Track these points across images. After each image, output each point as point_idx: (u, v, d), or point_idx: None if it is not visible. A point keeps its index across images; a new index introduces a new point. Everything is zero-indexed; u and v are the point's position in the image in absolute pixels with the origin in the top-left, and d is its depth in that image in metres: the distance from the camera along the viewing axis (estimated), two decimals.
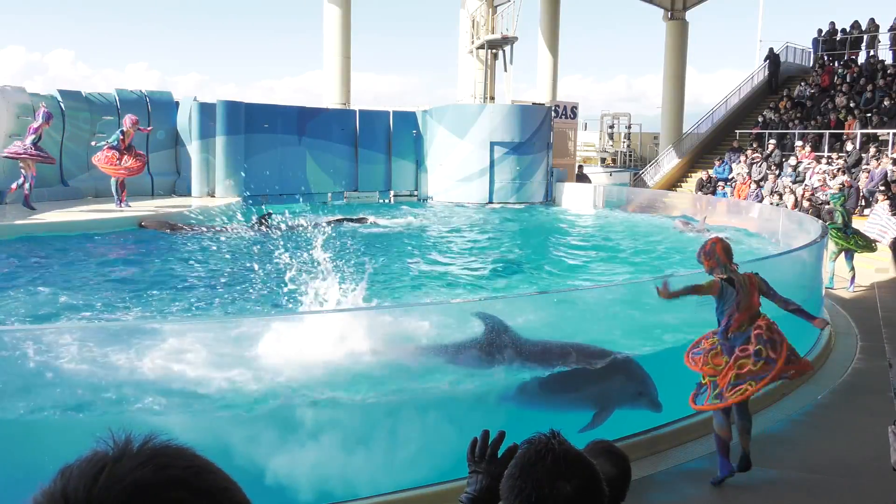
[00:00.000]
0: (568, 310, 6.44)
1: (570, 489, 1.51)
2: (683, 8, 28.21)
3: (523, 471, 1.54)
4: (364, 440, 4.87)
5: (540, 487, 1.51)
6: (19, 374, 4.43)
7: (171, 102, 17.42)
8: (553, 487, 1.50)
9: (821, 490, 5.07)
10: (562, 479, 1.51)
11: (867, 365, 8.02)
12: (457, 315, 6.07)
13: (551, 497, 1.50)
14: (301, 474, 4.49)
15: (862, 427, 6.06)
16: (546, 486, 1.50)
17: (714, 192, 21.46)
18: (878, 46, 26.45)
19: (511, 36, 20.93)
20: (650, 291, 5.52)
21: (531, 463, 1.54)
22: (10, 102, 14.66)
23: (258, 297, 8.24)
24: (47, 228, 12.35)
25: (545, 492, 1.50)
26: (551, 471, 1.52)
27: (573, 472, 1.53)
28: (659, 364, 5.94)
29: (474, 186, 19.52)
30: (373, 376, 5.18)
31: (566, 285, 10.39)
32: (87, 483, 0.79)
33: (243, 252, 11.05)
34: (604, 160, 31.72)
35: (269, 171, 17.72)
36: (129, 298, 8.45)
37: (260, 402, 4.77)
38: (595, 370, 5.77)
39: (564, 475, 1.52)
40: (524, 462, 1.56)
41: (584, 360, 5.78)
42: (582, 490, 1.52)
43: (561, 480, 1.51)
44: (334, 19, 21.25)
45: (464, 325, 5.68)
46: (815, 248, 8.66)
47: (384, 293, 9.44)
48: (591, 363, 5.77)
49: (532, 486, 1.51)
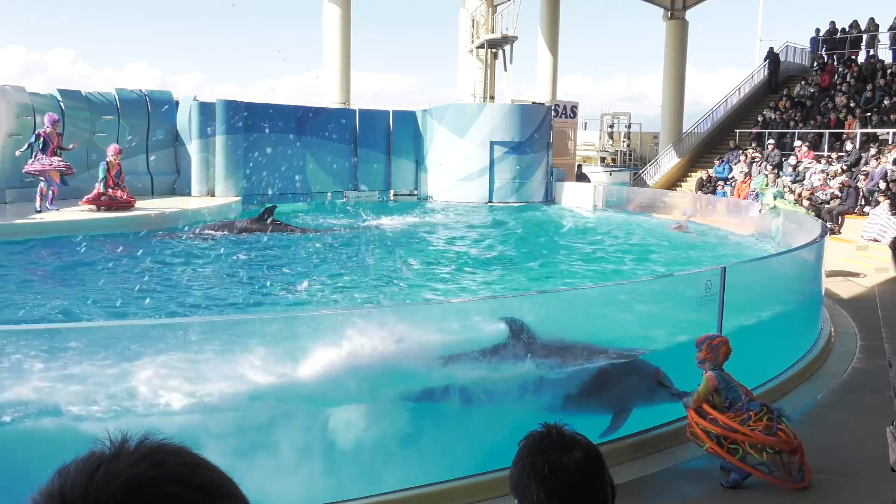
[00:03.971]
0: (568, 309, 6.43)
1: (580, 456, 1.59)
2: (683, 7, 28.22)
3: (531, 451, 1.61)
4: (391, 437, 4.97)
5: (551, 460, 1.57)
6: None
7: (171, 102, 17.41)
8: (563, 457, 1.57)
9: (821, 490, 5.07)
10: (569, 451, 1.59)
11: (867, 364, 8.02)
12: (456, 315, 6.07)
13: (563, 467, 1.56)
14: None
15: (862, 426, 6.05)
16: (557, 458, 1.57)
17: (714, 191, 21.46)
18: (878, 46, 26.47)
19: (511, 35, 20.93)
20: (650, 290, 5.53)
21: (537, 443, 1.62)
22: (10, 102, 14.66)
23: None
24: (52, 230, 12.38)
25: (557, 463, 1.57)
26: (558, 444, 1.60)
27: (577, 444, 1.61)
28: (659, 362, 5.94)
29: (474, 186, 19.53)
30: (397, 374, 5.23)
31: (566, 285, 10.39)
32: (83, 481, 0.80)
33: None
34: (604, 160, 31.73)
35: (269, 170, 17.75)
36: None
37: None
38: (610, 372, 5.78)
39: (571, 447, 1.60)
40: (531, 445, 1.63)
41: (598, 359, 5.78)
42: (590, 458, 1.60)
43: (569, 452, 1.58)
44: (334, 18, 21.25)
45: (467, 324, 5.71)
46: (814, 247, 8.66)
47: (385, 294, 9.44)
48: (605, 363, 5.78)
49: (544, 461, 1.57)
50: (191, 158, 17.13)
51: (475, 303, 7.59)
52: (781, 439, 5.00)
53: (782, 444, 5.00)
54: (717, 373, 5.22)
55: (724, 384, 5.20)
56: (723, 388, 5.21)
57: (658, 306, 6.85)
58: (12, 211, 13.53)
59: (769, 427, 5.03)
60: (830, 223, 15.61)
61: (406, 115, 20.28)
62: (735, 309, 6.45)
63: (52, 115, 13.74)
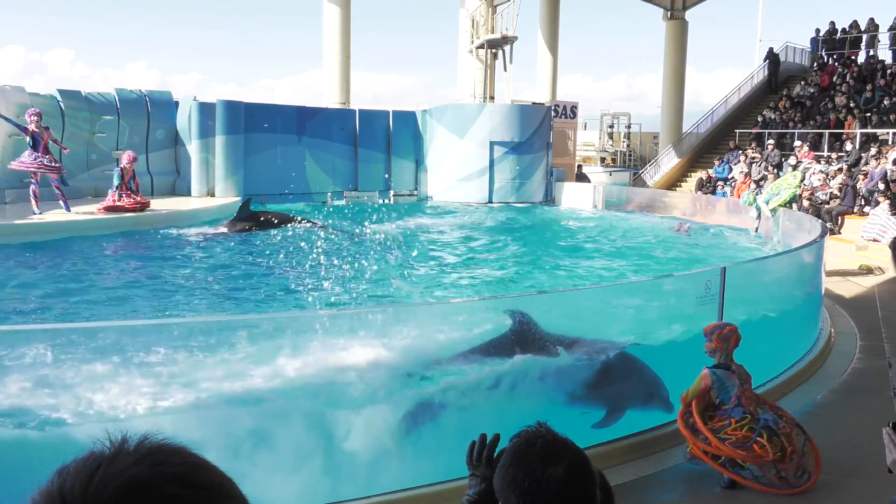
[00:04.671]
0: (568, 309, 6.44)
1: (562, 471, 1.54)
2: (683, 7, 28.21)
3: (515, 459, 1.58)
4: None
5: (532, 473, 1.54)
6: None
7: (171, 102, 17.41)
8: (545, 472, 1.53)
9: (821, 490, 5.07)
10: (553, 464, 1.55)
11: (867, 364, 8.02)
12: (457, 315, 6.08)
13: (544, 482, 1.53)
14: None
15: (861, 426, 6.05)
16: (538, 471, 1.54)
17: (713, 191, 21.47)
18: (878, 46, 26.47)
19: (511, 35, 20.92)
20: (649, 291, 5.53)
21: (521, 451, 1.58)
22: (9, 102, 14.65)
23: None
24: (52, 230, 12.37)
25: (537, 476, 1.53)
26: (542, 456, 1.56)
27: (563, 455, 1.57)
28: (657, 362, 5.94)
29: (474, 186, 19.52)
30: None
31: (566, 285, 10.39)
32: (82, 481, 0.80)
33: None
34: (603, 160, 31.72)
35: (269, 170, 17.75)
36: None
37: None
38: (612, 369, 5.82)
39: (555, 459, 1.55)
40: (515, 451, 1.60)
41: (599, 355, 5.82)
42: (573, 472, 1.55)
43: (552, 465, 1.54)
44: (334, 18, 21.25)
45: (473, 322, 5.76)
46: (815, 248, 8.66)
47: (384, 293, 9.45)
48: (605, 359, 5.82)
49: (525, 473, 1.55)
50: (191, 158, 17.14)
51: (476, 303, 7.59)
52: (754, 454, 4.91)
53: (754, 458, 4.92)
54: (711, 371, 5.14)
55: (717, 384, 5.13)
56: (716, 388, 5.15)
57: (658, 306, 6.85)
58: (12, 211, 13.52)
59: (747, 438, 4.96)
60: (830, 223, 15.61)
61: (406, 115, 20.28)
62: (735, 309, 6.45)
63: (33, 109, 13.31)
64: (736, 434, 4.98)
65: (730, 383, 5.14)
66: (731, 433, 5.00)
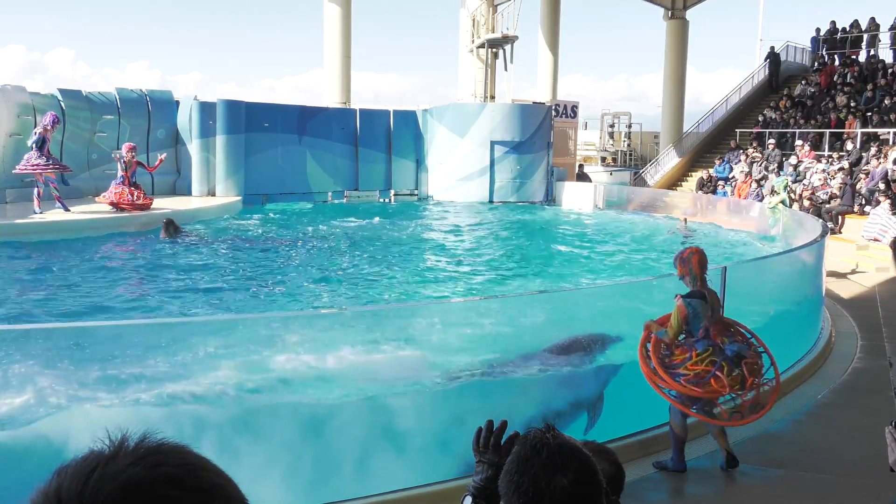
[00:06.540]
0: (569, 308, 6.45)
1: (567, 482, 1.50)
2: (684, 7, 28.18)
3: (520, 466, 1.54)
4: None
5: (536, 482, 1.50)
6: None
7: (172, 102, 17.41)
8: (549, 482, 1.50)
9: (821, 489, 5.06)
10: (558, 473, 1.51)
11: (867, 364, 8.01)
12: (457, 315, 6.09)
13: (548, 492, 1.49)
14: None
15: (862, 426, 6.05)
16: (542, 480, 1.50)
17: (714, 191, 21.45)
18: (879, 46, 26.44)
19: (511, 35, 20.92)
20: (649, 291, 5.53)
21: (527, 458, 1.54)
22: (10, 102, 14.65)
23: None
24: (52, 230, 12.36)
25: (542, 486, 1.50)
26: (547, 465, 1.52)
27: (569, 464, 1.53)
28: None
29: (475, 185, 19.51)
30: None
31: (566, 284, 10.39)
32: (79, 482, 0.79)
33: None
34: (604, 159, 31.68)
35: (270, 170, 17.74)
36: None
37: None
38: (569, 346, 6.00)
39: (560, 468, 1.51)
40: (520, 458, 1.56)
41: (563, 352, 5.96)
42: (579, 482, 1.51)
43: (557, 474, 1.50)
44: (335, 18, 21.23)
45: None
46: (815, 247, 8.65)
47: (385, 293, 9.45)
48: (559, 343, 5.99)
49: (529, 482, 1.51)
50: (191, 158, 17.13)
51: (476, 303, 7.59)
52: (710, 388, 4.88)
53: (710, 393, 4.89)
54: (686, 302, 5.08)
55: (692, 314, 5.08)
56: (691, 319, 5.10)
57: (658, 306, 6.83)
58: (12, 211, 13.52)
59: (706, 373, 4.92)
60: (830, 223, 15.60)
61: (406, 114, 20.27)
62: (735, 309, 6.44)
63: (54, 115, 13.42)
64: (695, 369, 4.95)
65: (702, 313, 5.10)
66: (691, 367, 4.96)
